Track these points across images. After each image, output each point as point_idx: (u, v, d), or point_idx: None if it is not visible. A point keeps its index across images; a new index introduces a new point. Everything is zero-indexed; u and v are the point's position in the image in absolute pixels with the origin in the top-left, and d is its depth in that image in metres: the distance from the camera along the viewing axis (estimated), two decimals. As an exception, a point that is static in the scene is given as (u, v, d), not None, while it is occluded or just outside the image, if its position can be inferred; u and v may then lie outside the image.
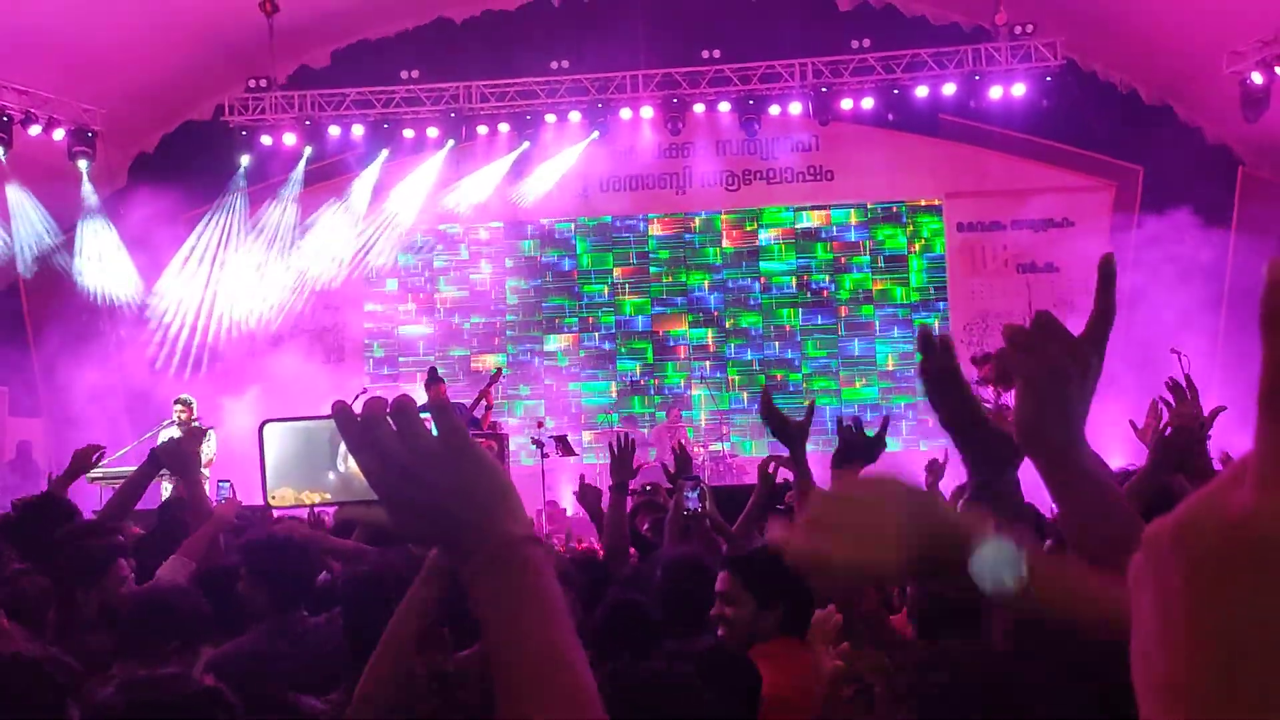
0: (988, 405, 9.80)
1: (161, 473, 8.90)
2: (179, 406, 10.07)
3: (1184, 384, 3.76)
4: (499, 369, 11.34)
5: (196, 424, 10.14)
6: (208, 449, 10.12)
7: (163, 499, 9.08)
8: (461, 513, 0.90)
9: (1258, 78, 10.51)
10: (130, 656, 2.85)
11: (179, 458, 4.27)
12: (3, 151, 11.33)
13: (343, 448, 0.96)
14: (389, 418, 0.90)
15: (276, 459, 1.03)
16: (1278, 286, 0.43)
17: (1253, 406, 0.44)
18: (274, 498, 1.03)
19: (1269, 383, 0.43)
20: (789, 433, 3.16)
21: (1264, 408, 0.43)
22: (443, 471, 0.90)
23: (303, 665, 2.73)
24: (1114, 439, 6.94)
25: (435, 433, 0.92)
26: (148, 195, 12.23)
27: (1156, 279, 12.54)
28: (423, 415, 0.92)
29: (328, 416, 0.93)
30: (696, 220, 13.17)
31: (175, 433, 9.70)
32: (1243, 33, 10.46)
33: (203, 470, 9.79)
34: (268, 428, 1.03)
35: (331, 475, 1.00)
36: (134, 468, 8.75)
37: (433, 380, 10.42)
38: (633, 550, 4.74)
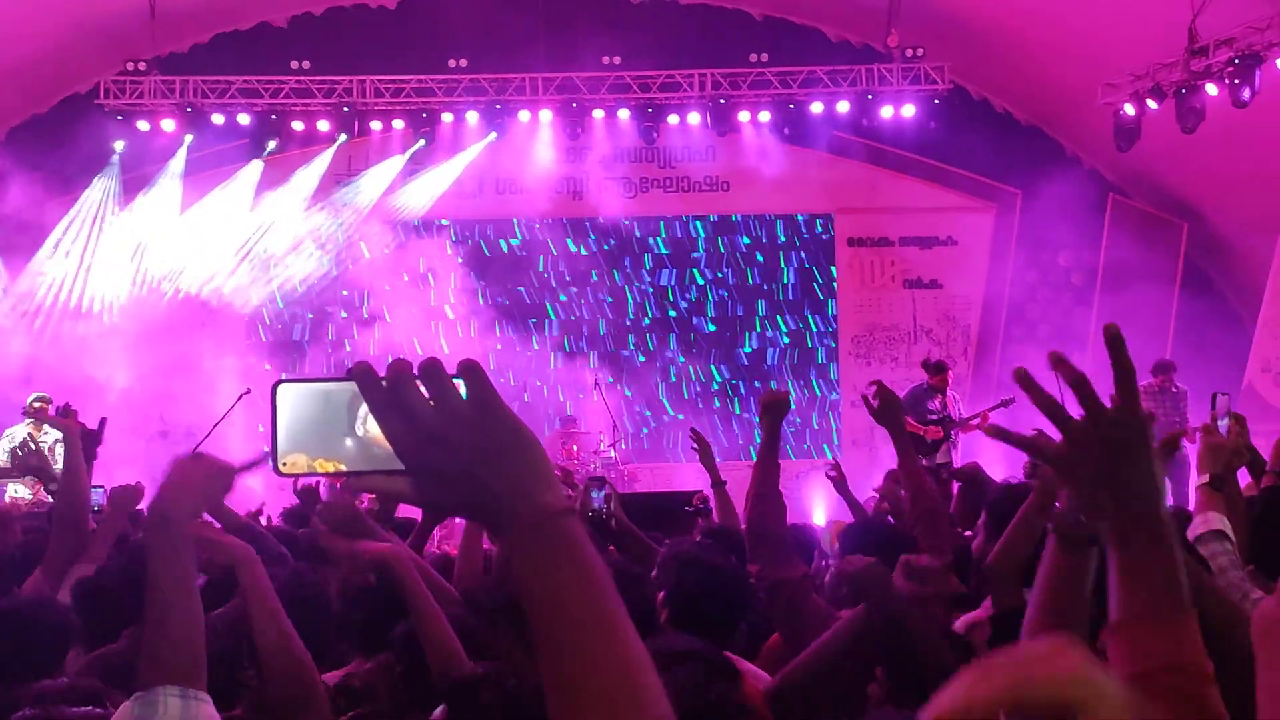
0: (933, 416, 9.91)
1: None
2: (37, 403, 9.50)
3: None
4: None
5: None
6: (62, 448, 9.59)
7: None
8: (494, 482, 0.85)
9: (1130, 109, 11.04)
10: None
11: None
12: None
13: (362, 411, 0.90)
14: (417, 379, 0.85)
15: (290, 422, 0.94)
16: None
17: None
18: (285, 464, 0.94)
19: None
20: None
21: None
22: (475, 438, 0.85)
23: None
24: (998, 454, 7.18)
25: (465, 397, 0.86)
26: (14, 180, 11.52)
27: (1032, 299, 13.11)
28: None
29: (347, 378, 0.88)
30: (592, 225, 13.13)
31: (25, 431, 9.16)
32: (1117, 66, 10.99)
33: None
34: (281, 388, 0.96)
35: (349, 441, 0.93)
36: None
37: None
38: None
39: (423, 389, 0.85)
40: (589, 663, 0.82)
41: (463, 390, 0.86)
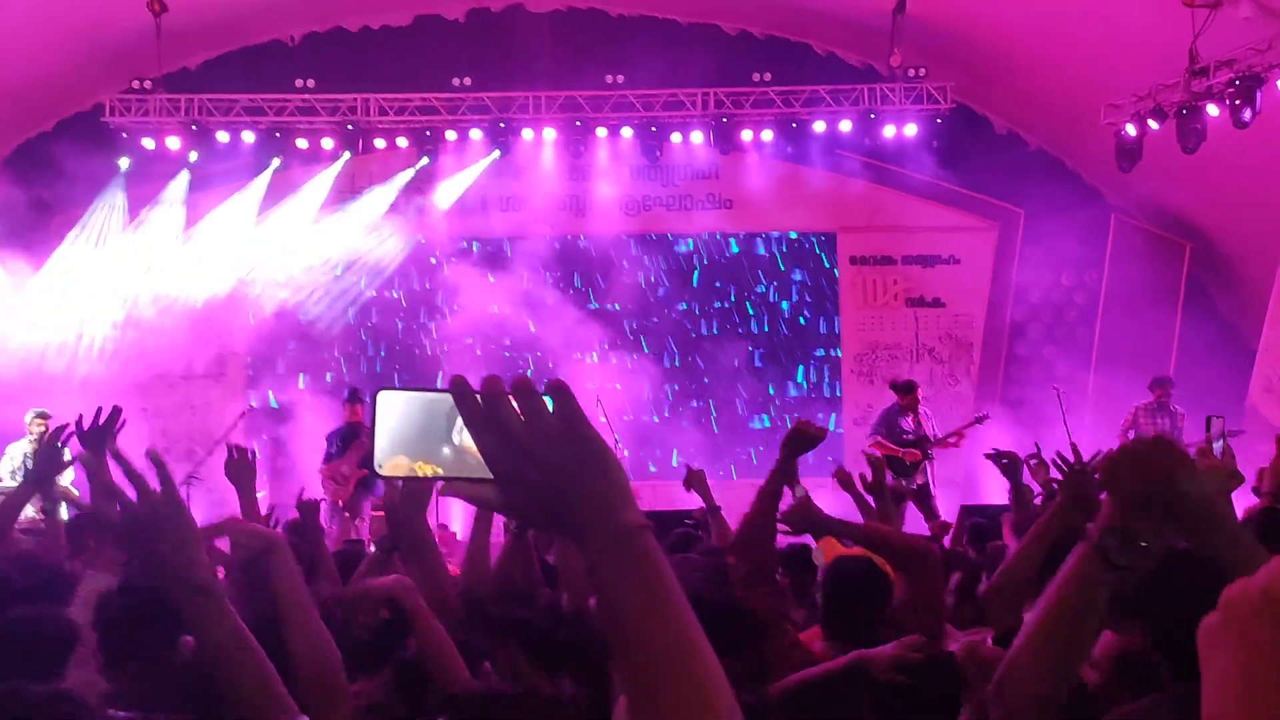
0: (908, 435, 9.89)
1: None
2: (38, 420, 9.50)
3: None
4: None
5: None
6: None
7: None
8: (578, 497, 0.90)
9: (1132, 130, 11.06)
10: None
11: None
12: None
13: (458, 422, 0.94)
14: (510, 396, 0.90)
15: (393, 427, 1.00)
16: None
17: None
18: (383, 466, 1.01)
19: None
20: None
21: None
22: (562, 454, 0.89)
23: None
24: (994, 474, 7.14)
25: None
26: (19, 197, 11.57)
27: (1036, 318, 13.10)
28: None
29: (446, 390, 0.92)
30: (595, 243, 13.15)
31: (27, 448, 9.17)
32: (1119, 87, 11.02)
33: (72, 489, 9.33)
34: (382, 395, 1.01)
35: (446, 449, 0.99)
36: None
37: (352, 400, 10.15)
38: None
39: (514, 404, 0.90)
40: (667, 676, 0.87)
41: (550, 407, 0.91)
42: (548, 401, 0.91)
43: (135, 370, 12.09)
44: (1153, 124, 10.86)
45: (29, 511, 8.55)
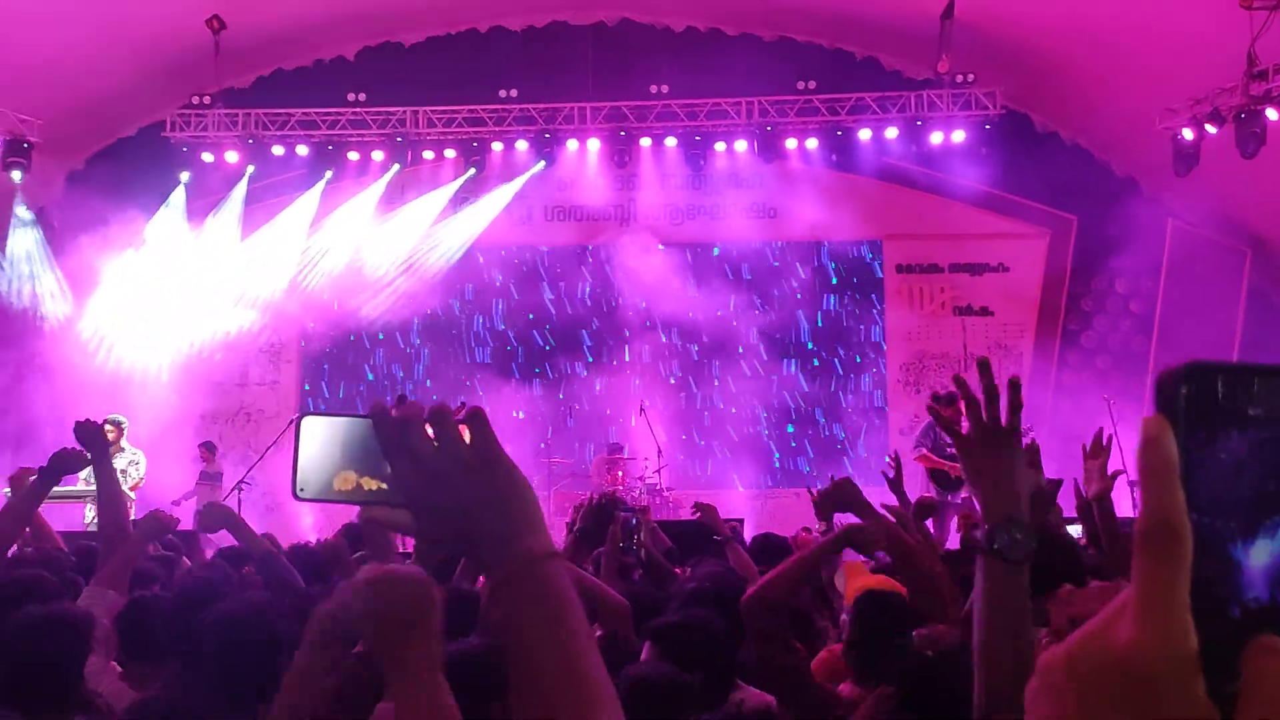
0: (952, 450, 9.87)
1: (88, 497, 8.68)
2: (109, 427, 9.84)
3: (1104, 439, 3.91)
4: (463, 403, 11.26)
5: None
6: (136, 472, 9.92)
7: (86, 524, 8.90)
8: (490, 524, 0.91)
9: (1188, 134, 10.80)
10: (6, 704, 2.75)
11: (92, 439, 4.00)
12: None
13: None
14: (426, 423, 0.91)
15: (321, 451, 1.00)
16: (1153, 442, 0.45)
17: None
18: (305, 490, 1.00)
19: (1142, 524, 0.46)
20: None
21: (1138, 547, 0.46)
22: (475, 481, 0.91)
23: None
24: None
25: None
26: (83, 210, 12.02)
27: (1088, 328, 12.82)
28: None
29: (366, 415, 0.94)
30: (640, 252, 13.20)
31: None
32: (1176, 91, 10.76)
33: (129, 493, 9.66)
34: (306, 420, 1.02)
35: (386, 468, 0.97)
36: (73, 487, 8.63)
37: (399, 406, 10.30)
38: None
39: (430, 432, 0.92)
40: (562, 708, 0.88)
41: (466, 436, 0.93)
42: (464, 430, 0.93)
43: (196, 379, 12.46)
44: (1210, 128, 10.58)
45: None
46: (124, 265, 12.53)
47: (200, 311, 12.70)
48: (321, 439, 1.01)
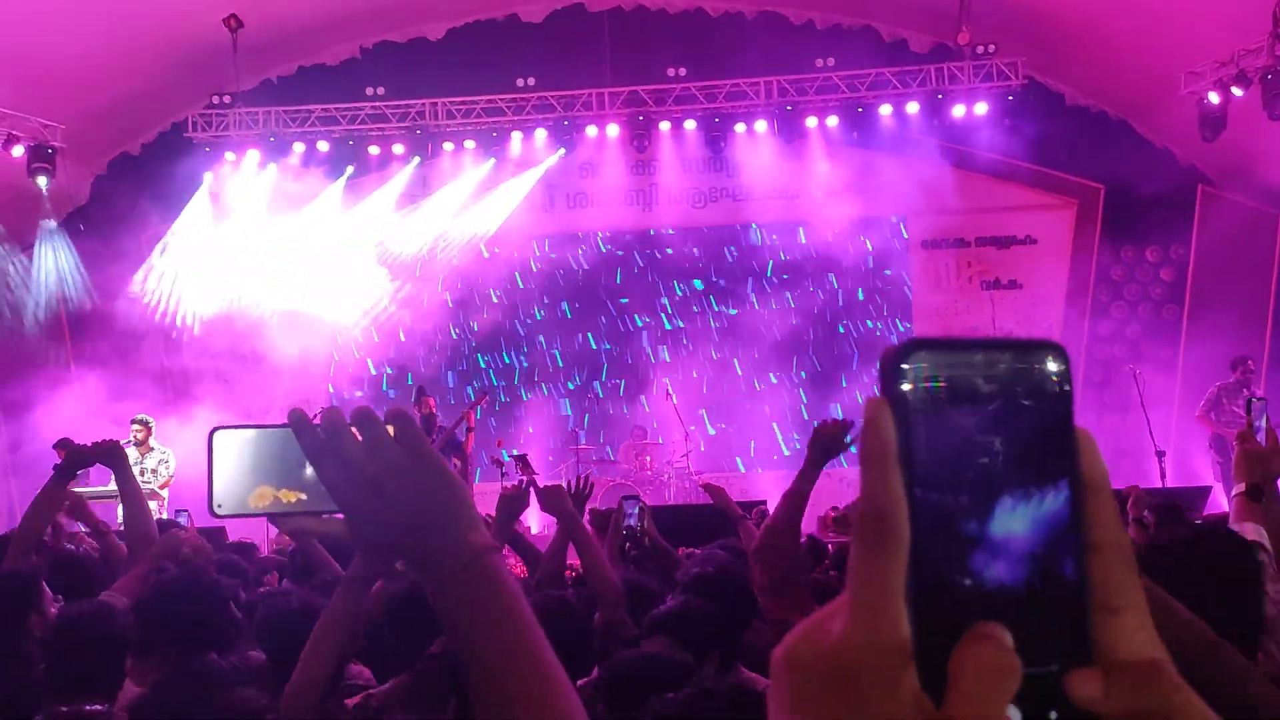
0: None
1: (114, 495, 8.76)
2: (136, 426, 9.94)
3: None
4: (484, 392, 11.34)
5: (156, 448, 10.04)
6: (165, 470, 10.00)
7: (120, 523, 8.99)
8: (425, 524, 0.90)
9: (1214, 98, 10.63)
10: (56, 689, 2.79)
11: (108, 456, 4.08)
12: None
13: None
14: (352, 427, 0.89)
15: (237, 465, 0.98)
16: (870, 425, 0.44)
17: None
18: (222, 506, 0.98)
19: (857, 512, 0.44)
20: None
21: (853, 536, 0.44)
22: (406, 483, 0.89)
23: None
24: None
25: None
26: (109, 213, 12.11)
27: (1119, 298, 12.68)
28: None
29: (285, 425, 0.91)
30: (663, 237, 13.18)
31: (132, 454, 9.58)
32: (1200, 54, 10.59)
33: (160, 491, 9.75)
34: (219, 434, 0.99)
35: (308, 472, 0.95)
36: (106, 487, 8.73)
37: (419, 397, 10.36)
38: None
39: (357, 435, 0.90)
40: (517, 699, 0.89)
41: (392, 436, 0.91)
42: (390, 431, 0.90)
43: (226, 374, 12.54)
44: (1236, 91, 10.43)
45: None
46: (151, 267, 12.63)
47: (230, 308, 12.75)
48: (236, 452, 0.98)
